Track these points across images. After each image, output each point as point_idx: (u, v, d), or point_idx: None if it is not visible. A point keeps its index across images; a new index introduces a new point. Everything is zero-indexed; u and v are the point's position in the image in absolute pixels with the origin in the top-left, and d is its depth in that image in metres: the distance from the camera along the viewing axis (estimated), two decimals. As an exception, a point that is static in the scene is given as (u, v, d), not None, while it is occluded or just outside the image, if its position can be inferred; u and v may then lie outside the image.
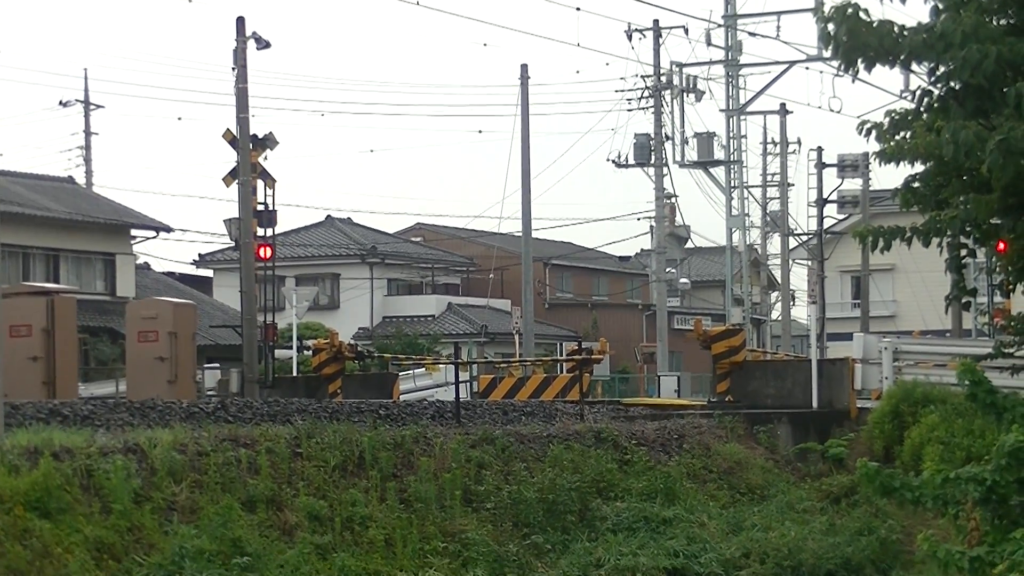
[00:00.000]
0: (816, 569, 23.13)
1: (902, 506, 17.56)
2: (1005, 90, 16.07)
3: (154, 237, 58.52)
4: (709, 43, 61.02)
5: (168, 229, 58.42)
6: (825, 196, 66.06)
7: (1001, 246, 19.51)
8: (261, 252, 36.48)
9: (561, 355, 53.92)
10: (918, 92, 18.04)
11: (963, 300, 19.88)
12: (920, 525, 21.67)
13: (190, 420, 23.26)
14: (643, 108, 60.48)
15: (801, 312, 77.13)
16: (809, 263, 68.08)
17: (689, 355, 67.32)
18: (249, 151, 36.21)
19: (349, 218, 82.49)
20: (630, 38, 59.73)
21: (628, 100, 60.77)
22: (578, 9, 51.28)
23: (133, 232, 57.66)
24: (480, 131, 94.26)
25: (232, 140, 36.39)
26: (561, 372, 39.79)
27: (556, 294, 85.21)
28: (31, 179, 57.26)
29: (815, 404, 30.92)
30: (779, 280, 72.62)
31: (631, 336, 75.23)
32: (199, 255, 77.35)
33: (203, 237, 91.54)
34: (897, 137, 18.64)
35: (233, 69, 37.01)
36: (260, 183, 36.53)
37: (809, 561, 23.12)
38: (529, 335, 54.91)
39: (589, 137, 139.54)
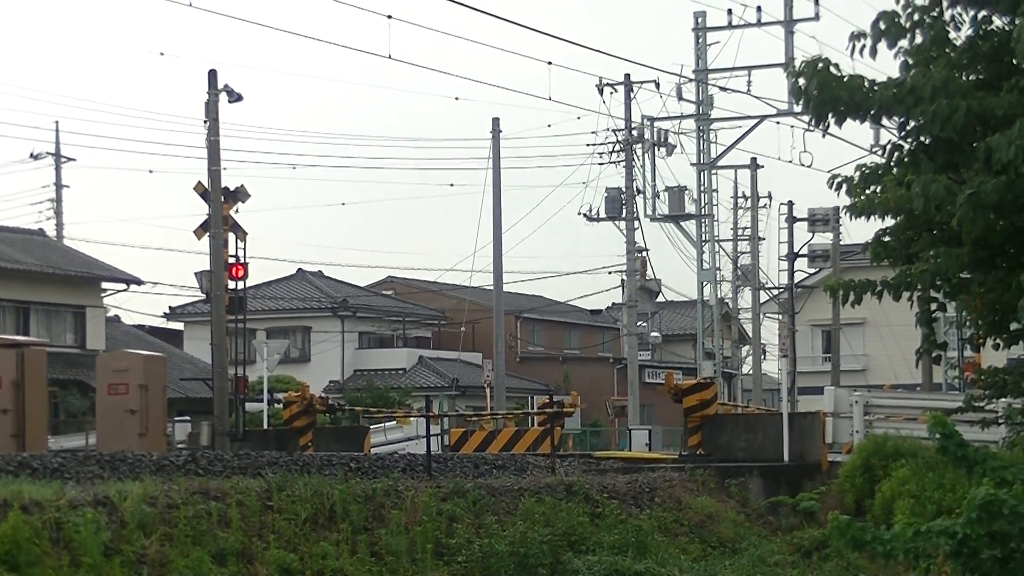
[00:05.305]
0: (788, 623, 23.10)
1: (873, 560, 17.55)
2: (975, 144, 16.14)
3: (124, 290, 58.41)
4: (680, 97, 61.17)
5: (139, 282, 58.30)
6: (796, 250, 66.48)
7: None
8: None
9: (532, 408, 53.86)
10: (888, 146, 18.08)
11: (933, 354, 19.86)
12: (892, 579, 21.65)
13: (160, 473, 23.14)
14: (614, 162, 60.53)
15: (772, 366, 77.34)
16: (780, 317, 68.26)
17: (660, 408, 67.31)
18: (221, 204, 36.20)
19: (320, 271, 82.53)
20: (601, 92, 59.81)
21: (599, 154, 60.77)
22: (549, 63, 51.32)
23: (103, 285, 57.53)
24: (452, 184, 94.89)
25: (204, 193, 36.38)
26: (532, 425, 39.76)
27: (527, 347, 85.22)
28: (1, 231, 57.14)
29: (786, 457, 30.95)
30: (750, 334, 72.71)
31: (602, 389, 75.19)
32: (170, 308, 77.36)
33: (174, 290, 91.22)
34: (867, 191, 18.68)
35: (205, 122, 37.07)
36: (231, 236, 36.52)
37: (781, 615, 23.10)
38: (500, 388, 54.83)
39: (561, 191, 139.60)
